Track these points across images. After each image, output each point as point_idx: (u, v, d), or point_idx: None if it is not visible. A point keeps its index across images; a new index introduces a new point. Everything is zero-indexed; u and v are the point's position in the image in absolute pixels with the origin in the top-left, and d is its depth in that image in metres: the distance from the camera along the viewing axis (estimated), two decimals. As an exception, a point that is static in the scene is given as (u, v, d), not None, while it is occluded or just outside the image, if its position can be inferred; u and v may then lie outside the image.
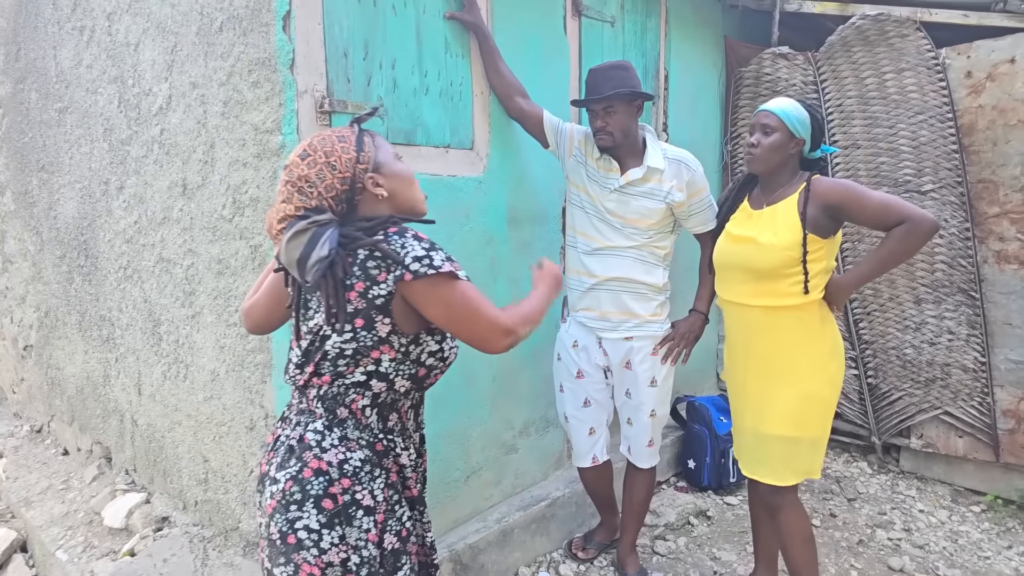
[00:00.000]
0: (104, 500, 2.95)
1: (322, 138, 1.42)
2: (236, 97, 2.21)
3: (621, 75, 2.39)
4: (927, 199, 3.53)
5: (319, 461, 1.42)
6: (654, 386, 2.60)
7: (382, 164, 1.47)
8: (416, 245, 1.38)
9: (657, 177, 2.46)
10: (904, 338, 3.64)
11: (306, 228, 1.37)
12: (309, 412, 1.48)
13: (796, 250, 2.12)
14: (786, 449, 2.23)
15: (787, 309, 2.19)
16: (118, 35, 2.64)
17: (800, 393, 2.19)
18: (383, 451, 1.50)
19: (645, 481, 2.71)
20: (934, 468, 3.68)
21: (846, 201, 2.10)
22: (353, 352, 1.42)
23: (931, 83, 3.50)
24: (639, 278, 2.52)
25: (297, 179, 1.39)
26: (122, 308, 2.88)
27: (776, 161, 2.22)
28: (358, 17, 2.22)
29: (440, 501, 2.63)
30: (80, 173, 3.01)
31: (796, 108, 2.20)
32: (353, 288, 1.38)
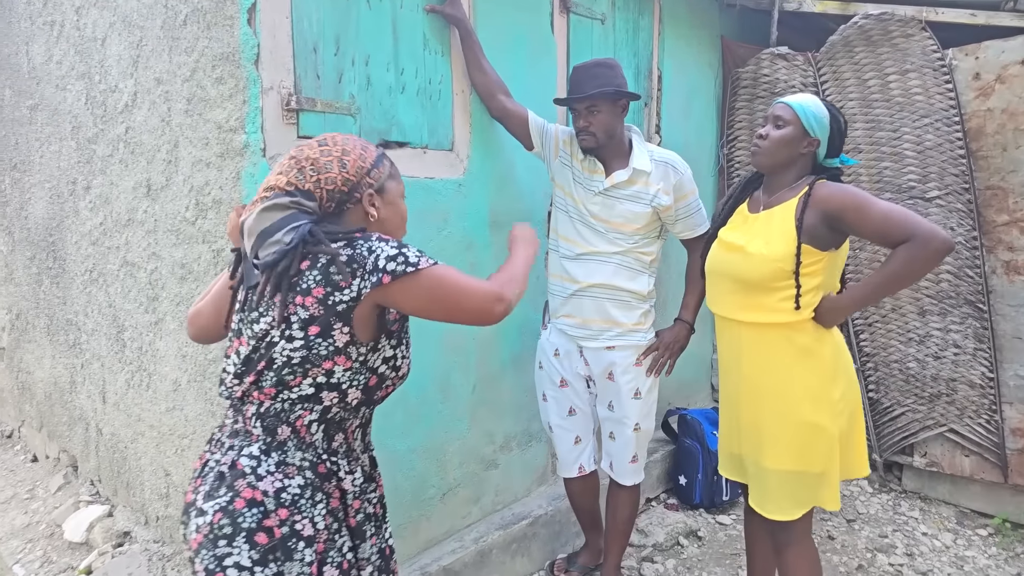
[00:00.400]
0: (67, 512, 2.84)
1: (346, 137, 1.42)
2: (200, 94, 2.10)
3: (606, 73, 2.28)
4: (932, 206, 3.39)
5: (253, 490, 1.29)
6: (638, 398, 2.47)
7: (387, 191, 1.45)
8: (384, 246, 1.31)
9: (643, 180, 2.35)
10: (907, 351, 3.49)
11: (287, 206, 1.32)
12: (245, 433, 1.36)
13: (788, 262, 1.91)
14: (789, 483, 2.01)
15: (776, 327, 1.99)
16: (86, 29, 2.54)
17: (798, 424, 1.97)
18: (326, 473, 1.38)
19: (629, 499, 2.57)
20: (938, 488, 3.53)
21: (846, 209, 1.86)
22: (302, 360, 1.31)
23: (937, 85, 3.37)
24: (623, 285, 2.40)
25: (304, 159, 1.36)
26: (88, 312, 2.77)
27: (783, 158, 2.00)
28: (329, 10, 2.11)
29: (413, 520, 2.50)
30: (49, 172, 2.91)
31: (815, 104, 1.98)
32: (311, 293, 1.29)
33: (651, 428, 2.56)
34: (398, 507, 2.44)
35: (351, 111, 2.19)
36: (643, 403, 2.49)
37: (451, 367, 2.57)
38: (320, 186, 1.35)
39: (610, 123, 2.30)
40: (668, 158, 2.41)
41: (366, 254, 1.29)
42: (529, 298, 2.83)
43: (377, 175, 1.42)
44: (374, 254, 1.29)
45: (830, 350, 2.00)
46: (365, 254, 1.29)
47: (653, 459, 3.38)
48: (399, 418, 2.41)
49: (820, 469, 1.97)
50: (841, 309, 1.96)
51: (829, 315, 1.97)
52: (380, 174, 1.42)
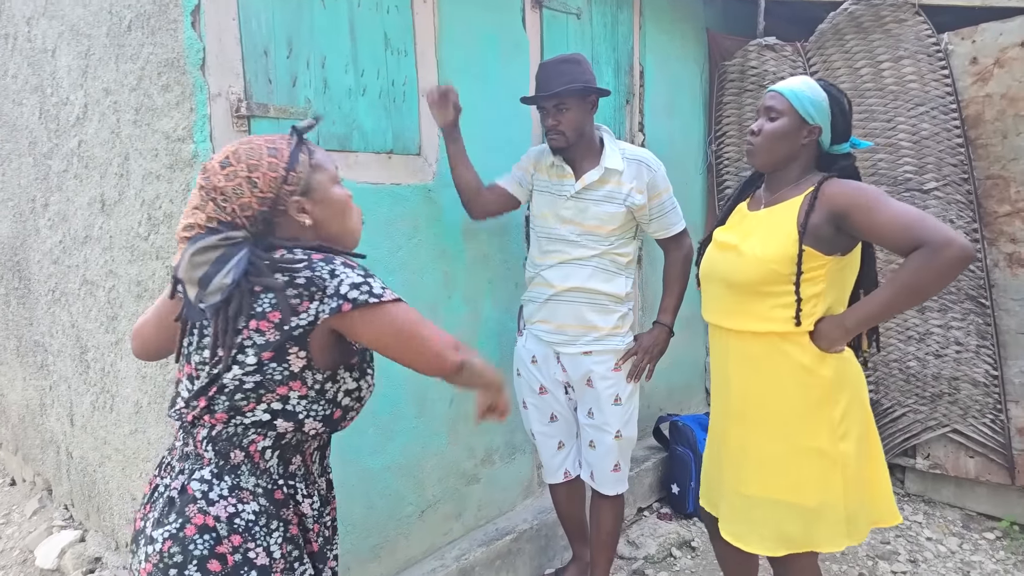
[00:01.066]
0: (40, 537, 2.76)
1: (250, 147, 1.27)
2: (147, 103, 2.01)
3: (573, 70, 2.19)
4: (930, 198, 3.26)
5: (204, 516, 1.22)
6: (618, 404, 2.37)
7: (314, 188, 1.31)
8: (349, 272, 1.23)
9: (616, 179, 2.27)
10: (907, 350, 3.36)
11: (216, 245, 1.22)
12: (196, 457, 1.28)
13: (783, 264, 1.70)
14: (777, 514, 1.77)
15: (768, 337, 1.76)
16: (36, 41, 2.46)
17: (791, 448, 1.75)
18: (282, 500, 1.30)
19: (612, 510, 2.47)
20: (943, 491, 3.40)
21: (853, 207, 1.63)
22: (255, 386, 1.23)
23: (932, 71, 3.23)
24: (599, 288, 2.31)
25: (212, 190, 1.24)
26: (53, 333, 2.69)
27: (781, 153, 1.77)
28: (280, 11, 2.01)
29: (389, 539, 2.40)
30: (12, 190, 2.83)
31: (811, 87, 1.75)
32: (266, 317, 1.21)
33: (633, 436, 2.46)
34: (373, 526, 2.35)
35: (307, 116, 2.09)
36: (623, 409, 2.39)
37: (426, 381, 2.41)
38: (238, 214, 1.24)
39: (579, 120, 2.22)
40: (640, 155, 2.32)
41: (327, 277, 1.20)
42: (505, 305, 2.73)
43: (296, 179, 1.28)
44: (337, 279, 1.21)
45: (831, 371, 1.73)
46: (326, 277, 1.20)
47: (645, 467, 3.27)
48: (371, 435, 2.31)
49: (815, 502, 1.72)
50: (843, 329, 1.70)
51: (829, 336, 1.71)
52: (299, 176, 1.28)
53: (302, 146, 1.31)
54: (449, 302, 2.52)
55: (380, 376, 2.29)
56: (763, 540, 1.81)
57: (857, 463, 1.74)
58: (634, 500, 3.22)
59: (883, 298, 1.66)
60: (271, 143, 1.29)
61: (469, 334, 2.59)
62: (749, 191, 2.00)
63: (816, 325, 1.73)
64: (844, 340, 1.72)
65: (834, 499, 1.72)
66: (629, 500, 3.19)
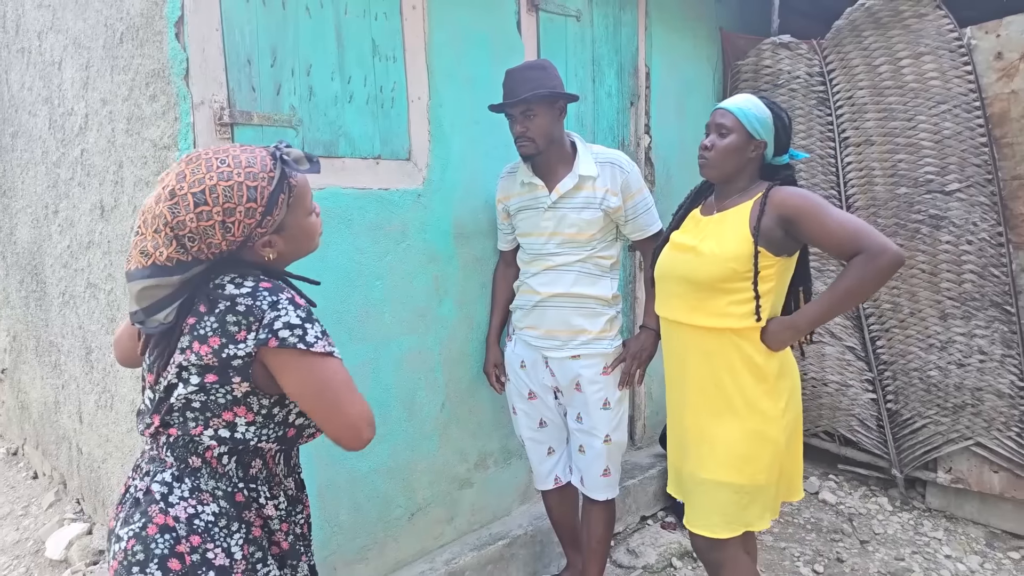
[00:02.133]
0: (51, 529, 2.88)
1: (228, 183, 1.18)
2: (137, 112, 2.08)
3: (539, 75, 2.18)
4: (952, 200, 3.12)
5: (165, 516, 1.25)
6: (607, 409, 2.35)
7: (288, 225, 1.28)
8: (291, 311, 1.20)
9: (590, 184, 2.25)
10: (928, 358, 3.22)
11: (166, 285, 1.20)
12: (159, 460, 1.31)
13: (740, 263, 1.84)
14: (722, 497, 1.91)
15: (724, 333, 1.90)
16: (46, 54, 2.57)
17: (743, 432, 1.88)
18: (244, 502, 1.32)
19: (602, 515, 2.44)
20: (966, 507, 3.24)
21: (801, 214, 1.80)
22: (201, 407, 1.25)
23: (955, 68, 3.10)
24: (585, 292, 2.30)
25: (176, 225, 1.17)
26: (64, 334, 2.80)
27: (731, 167, 1.94)
28: (263, 21, 2.05)
29: (378, 541, 2.42)
30: (30, 198, 2.96)
31: (756, 106, 1.92)
32: (207, 342, 1.21)
33: (623, 440, 2.44)
34: (360, 528, 2.37)
35: (292, 123, 2.12)
36: (612, 414, 2.37)
37: (416, 384, 2.48)
38: (204, 252, 1.21)
39: (547, 127, 2.21)
40: (612, 158, 2.30)
41: (266, 309, 1.19)
42: (500, 310, 2.71)
43: (270, 222, 1.24)
44: (275, 312, 1.19)
45: (777, 365, 1.91)
46: (265, 308, 1.19)
47: (649, 475, 3.21)
48: (358, 438, 2.33)
49: (762, 481, 1.89)
50: (793, 329, 1.87)
51: (779, 336, 1.88)
52: (273, 220, 1.24)
53: (283, 183, 1.24)
54: (440, 308, 2.52)
55: (367, 379, 2.34)
56: (708, 522, 1.95)
57: (787, 448, 1.92)
58: (637, 508, 3.16)
59: (830, 301, 1.82)
60: (251, 180, 1.20)
61: (462, 340, 2.59)
62: (700, 199, 2.12)
63: (767, 326, 1.89)
64: (794, 340, 1.90)
65: (772, 481, 1.91)
66: (632, 508, 3.14)
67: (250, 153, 1.24)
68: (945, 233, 3.14)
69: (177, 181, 1.19)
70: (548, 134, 2.21)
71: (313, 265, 2.15)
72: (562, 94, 2.19)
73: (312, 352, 1.20)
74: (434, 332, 2.51)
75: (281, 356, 1.19)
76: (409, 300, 2.43)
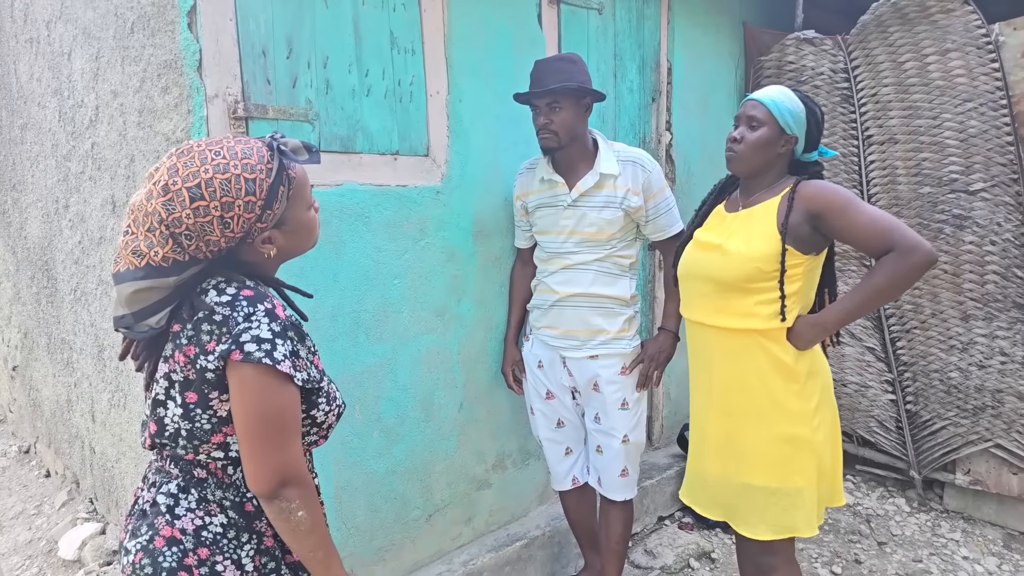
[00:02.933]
0: (64, 529, 2.84)
1: (225, 176, 1.11)
2: (149, 105, 2.02)
3: (568, 68, 2.13)
4: (976, 200, 3.06)
5: (171, 528, 1.21)
6: (625, 409, 2.32)
7: (288, 220, 1.22)
8: (264, 324, 1.13)
9: (611, 183, 2.21)
10: (949, 360, 3.17)
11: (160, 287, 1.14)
12: (164, 472, 1.26)
13: (767, 263, 1.78)
14: (763, 500, 1.87)
15: (751, 333, 1.85)
16: (55, 44, 2.51)
17: (774, 436, 1.84)
18: (254, 512, 1.27)
19: (620, 515, 2.41)
20: (984, 508, 3.20)
21: (830, 209, 1.75)
22: (188, 435, 1.19)
23: (981, 65, 3.03)
24: (603, 292, 2.26)
25: (172, 222, 1.10)
26: (76, 331, 2.75)
27: (760, 161, 1.87)
28: (279, 11, 1.99)
29: (395, 543, 2.38)
30: (40, 192, 2.91)
31: (790, 99, 1.85)
32: (182, 350, 1.15)
33: (641, 440, 2.41)
34: (378, 529, 2.33)
35: (308, 117, 2.07)
36: (631, 414, 2.34)
37: (434, 384, 2.44)
38: (201, 251, 1.14)
39: (571, 122, 2.16)
40: (634, 156, 2.25)
41: (240, 320, 1.12)
42: (518, 309, 2.66)
43: (270, 216, 1.18)
44: (247, 324, 1.12)
45: (806, 365, 1.85)
46: (239, 320, 1.12)
47: (667, 475, 3.17)
48: (375, 439, 2.29)
49: (800, 485, 1.83)
50: (820, 327, 1.82)
51: (805, 335, 1.83)
52: (273, 214, 1.18)
53: (282, 174, 1.17)
54: (458, 307, 2.47)
55: (384, 380, 2.29)
56: (748, 523, 1.91)
57: (826, 450, 1.86)
58: (655, 508, 3.13)
59: (858, 299, 1.77)
60: (249, 170, 1.13)
61: (480, 339, 2.55)
62: (724, 195, 2.06)
63: (794, 326, 1.83)
64: (821, 339, 1.84)
65: (811, 485, 1.84)
66: (650, 508, 3.11)
67: (245, 144, 1.17)
68: (968, 233, 3.09)
69: (170, 175, 1.12)
70: (571, 129, 2.16)
71: (330, 263, 2.12)
72: (590, 90, 2.14)
73: (276, 370, 1.11)
74: (452, 331, 2.47)
75: (242, 370, 1.11)
76: (427, 299, 2.38)
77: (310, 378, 1.20)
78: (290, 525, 1.18)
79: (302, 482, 1.18)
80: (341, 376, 2.14)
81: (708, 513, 2.04)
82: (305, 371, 1.19)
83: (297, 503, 1.17)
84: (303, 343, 1.22)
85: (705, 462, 2.01)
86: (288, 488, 1.16)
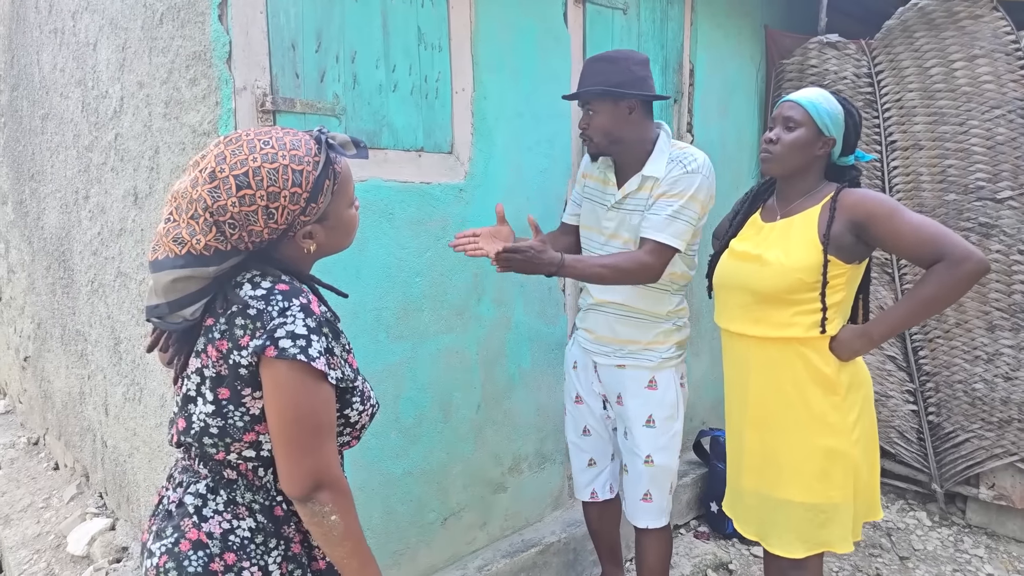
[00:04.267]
0: (73, 523, 2.81)
1: (273, 166, 1.10)
2: (176, 96, 2.00)
3: (604, 69, 2.00)
4: (1004, 208, 3.02)
5: (198, 531, 1.17)
6: (650, 427, 2.16)
7: (329, 216, 1.19)
8: (299, 319, 1.10)
9: (650, 185, 2.05)
10: (974, 371, 3.12)
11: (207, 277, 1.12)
12: (193, 471, 1.22)
13: (809, 273, 1.75)
14: (798, 516, 1.83)
15: (790, 343, 1.80)
16: (80, 35, 2.49)
17: (813, 449, 1.79)
18: (283, 517, 1.23)
19: (651, 546, 2.24)
20: (1008, 524, 3.15)
21: (876, 218, 1.70)
22: (220, 432, 1.15)
23: (1010, 72, 3.00)
24: (638, 305, 2.13)
25: (217, 210, 1.08)
26: (91, 323, 2.73)
27: (797, 163, 1.83)
28: (309, 5, 1.97)
29: (411, 546, 2.35)
30: (59, 183, 2.89)
31: (828, 100, 1.81)
32: (215, 344, 1.13)
33: (669, 464, 2.19)
34: (394, 532, 2.30)
35: (335, 112, 2.05)
36: (657, 433, 2.16)
37: (453, 384, 2.41)
38: (245, 240, 1.12)
39: (608, 126, 2.02)
40: (681, 155, 2.03)
41: (275, 315, 1.09)
42: (538, 309, 2.64)
43: (314, 210, 1.16)
44: (282, 319, 1.09)
45: (848, 376, 1.81)
46: (274, 315, 1.09)
47: (683, 483, 3.12)
48: (393, 439, 2.26)
49: (837, 499, 1.79)
50: (866, 338, 1.77)
51: (851, 345, 1.78)
52: (318, 208, 1.16)
53: (328, 168, 1.16)
54: (478, 306, 2.44)
55: (404, 379, 2.26)
56: (782, 541, 1.87)
57: (864, 464, 1.82)
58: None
59: (906, 310, 1.73)
60: (296, 161, 1.12)
61: (499, 339, 2.52)
62: (760, 202, 2.01)
63: (838, 335, 1.79)
64: (867, 350, 1.79)
65: (848, 500, 1.80)
66: (665, 516, 3.06)
67: (293, 136, 1.15)
68: (995, 242, 3.04)
69: (217, 163, 1.10)
70: (609, 133, 2.03)
71: (353, 259, 2.09)
72: (624, 92, 1.98)
73: (311, 367, 1.09)
74: (472, 331, 2.43)
75: (276, 367, 1.08)
76: (448, 298, 2.35)
77: (344, 377, 1.17)
78: (323, 530, 1.14)
79: (337, 486, 1.14)
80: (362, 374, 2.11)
81: (743, 530, 2.00)
82: (339, 369, 1.16)
83: (330, 507, 1.13)
84: (338, 340, 1.18)
85: (741, 477, 1.97)
86: (322, 491, 1.12)
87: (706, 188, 2.01)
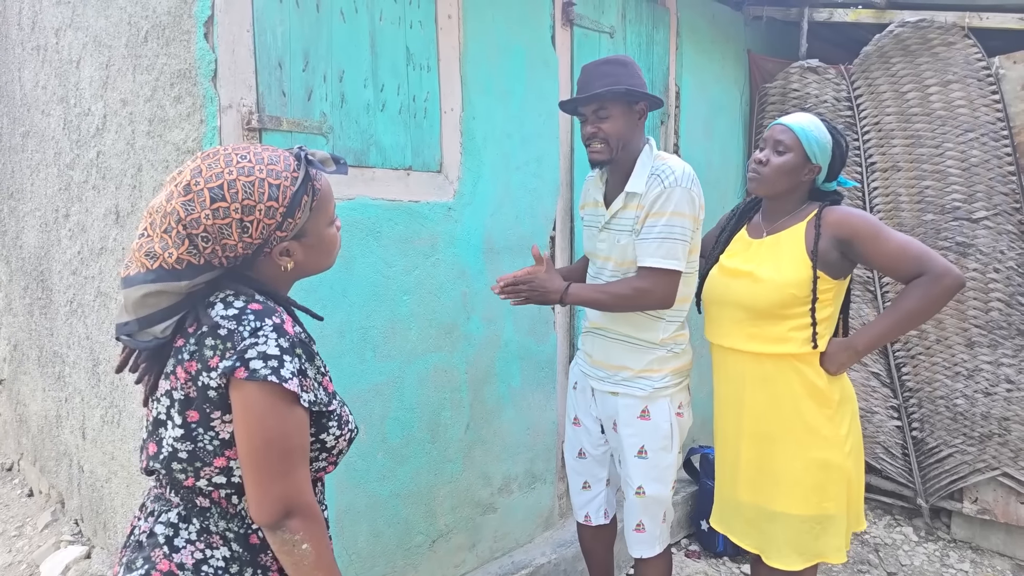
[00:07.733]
0: (47, 551, 2.73)
1: (249, 179, 1.08)
2: (160, 114, 1.98)
3: (617, 71, 1.93)
4: (979, 228, 3.08)
5: (169, 562, 1.11)
6: (642, 457, 2.06)
7: (307, 233, 1.17)
8: (272, 340, 1.06)
9: (635, 203, 1.96)
10: (954, 386, 3.16)
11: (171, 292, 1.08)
12: (164, 500, 1.17)
13: (800, 288, 1.80)
14: (794, 528, 1.85)
15: (784, 358, 1.84)
16: (63, 52, 2.47)
17: (810, 460, 1.83)
18: (259, 545, 1.18)
19: (650, 574, 2.18)
20: (992, 538, 3.17)
21: (860, 235, 1.77)
22: (189, 456, 1.10)
23: (982, 96, 3.08)
24: (628, 331, 2.05)
25: (191, 222, 1.06)
26: (70, 344, 2.68)
27: (783, 186, 1.88)
28: (296, 24, 1.97)
29: (398, 570, 2.31)
30: (39, 201, 2.84)
31: (818, 129, 1.85)
32: (183, 365, 1.09)
33: (661, 495, 2.10)
34: (379, 555, 2.26)
35: (322, 130, 2.04)
36: (649, 465, 2.06)
37: (441, 404, 2.38)
38: (218, 255, 1.09)
39: (622, 129, 1.94)
40: (661, 168, 1.94)
41: (246, 335, 1.06)
42: (528, 327, 2.63)
43: (291, 225, 1.13)
44: (253, 340, 1.06)
45: (838, 390, 1.87)
46: (245, 335, 1.06)
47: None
48: (379, 460, 2.23)
49: (832, 510, 1.83)
50: (851, 350, 1.83)
51: (837, 358, 1.84)
52: (295, 223, 1.13)
53: (307, 183, 1.14)
54: (467, 324, 2.43)
55: (391, 398, 2.24)
56: (780, 553, 1.89)
57: (854, 475, 1.87)
58: (658, 537, 3.06)
59: (888, 322, 1.79)
60: (274, 176, 1.10)
61: (488, 358, 2.50)
62: (745, 219, 2.06)
63: (826, 349, 1.84)
64: (853, 363, 1.84)
65: (842, 510, 1.84)
66: (653, 537, 3.04)
67: (272, 152, 1.14)
68: (972, 261, 3.10)
69: (192, 176, 1.08)
70: (622, 137, 1.94)
71: (339, 278, 2.07)
72: (643, 94, 1.93)
73: (283, 389, 1.05)
74: (460, 350, 2.42)
75: (246, 389, 1.04)
76: (436, 316, 2.34)
77: (318, 400, 1.13)
78: (293, 559, 1.10)
79: (308, 513, 1.10)
80: (347, 395, 2.08)
81: (741, 543, 2.01)
82: (313, 392, 1.12)
83: (301, 535, 1.08)
84: (312, 362, 1.15)
85: (738, 490, 1.97)
86: (292, 518, 1.08)
87: (689, 199, 1.91)
